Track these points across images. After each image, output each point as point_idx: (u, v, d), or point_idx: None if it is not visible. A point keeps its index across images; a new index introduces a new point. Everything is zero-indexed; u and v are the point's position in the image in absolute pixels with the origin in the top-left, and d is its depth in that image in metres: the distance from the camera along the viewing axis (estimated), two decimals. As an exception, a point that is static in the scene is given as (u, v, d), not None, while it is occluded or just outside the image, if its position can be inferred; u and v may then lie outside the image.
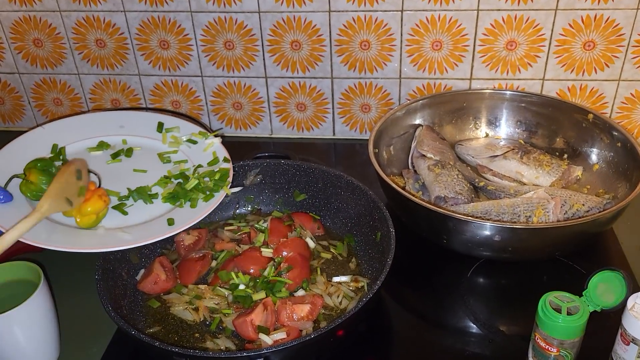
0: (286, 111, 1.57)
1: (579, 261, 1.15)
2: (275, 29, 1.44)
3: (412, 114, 1.39)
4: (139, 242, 1.05)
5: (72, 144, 1.24)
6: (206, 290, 1.08)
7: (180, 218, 1.11)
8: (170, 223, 1.09)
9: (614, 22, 1.32)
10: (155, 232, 1.07)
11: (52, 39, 1.53)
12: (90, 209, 1.07)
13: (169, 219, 1.10)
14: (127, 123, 1.30)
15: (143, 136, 1.28)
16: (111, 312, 0.93)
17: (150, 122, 1.30)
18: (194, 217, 1.11)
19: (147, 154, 1.25)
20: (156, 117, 1.32)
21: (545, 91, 1.43)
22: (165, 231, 1.07)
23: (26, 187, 1.07)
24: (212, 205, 1.14)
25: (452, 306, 1.10)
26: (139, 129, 1.29)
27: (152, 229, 1.09)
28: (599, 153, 1.30)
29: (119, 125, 1.29)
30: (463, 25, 1.37)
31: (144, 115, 1.37)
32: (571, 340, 0.84)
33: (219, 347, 1.00)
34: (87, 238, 1.05)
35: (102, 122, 1.30)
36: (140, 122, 1.31)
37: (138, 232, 1.07)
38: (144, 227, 1.09)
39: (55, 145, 1.20)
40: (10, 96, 1.64)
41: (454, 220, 1.06)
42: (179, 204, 1.14)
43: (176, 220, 1.10)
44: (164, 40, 1.49)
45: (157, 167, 1.22)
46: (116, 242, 1.04)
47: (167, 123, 1.30)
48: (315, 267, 1.13)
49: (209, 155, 1.24)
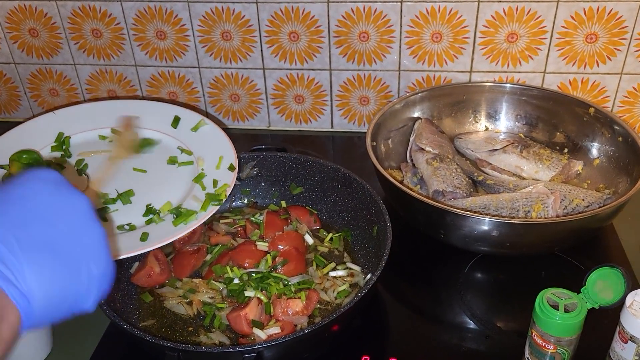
0: (284, 103, 1.55)
1: (577, 257, 1.14)
2: (273, 20, 1.42)
3: (411, 107, 1.38)
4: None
5: (83, 132, 1.19)
6: (200, 284, 1.07)
7: (155, 235, 0.99)
8: (143, 239, 0.99)
9: (617, 15, 1.30)
10: (127, 245, 0.97)
11: (48, 29, 1.51)
12: None
13: (143, 234, 1.00)
14: (144, 114, 1.22)
15: (157, 131, 1.21)
16: (103, 305, 0.92)
17: (166, 115, 1.22)
18: (170, 234, 1.00)
19: (156, 151, 1.17)
20: (174, 110, 1.24)
21: (546, 84, 1.42)
22: (137, 246, 0.97)
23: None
24: (197, 222, 1.02)
25: (449, 301, 1.09)
26: (153, 123, 1.21)
27: (126, 241, 0.98)
28: (600, 147, 1.28)
29: (135, 116, 1.23)
30: (463, 17, 1.35)
31: (162, 107, 1.28)
32: (568, 338, 0.83)
33: (213, 341, 0.99)
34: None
35: (117, 111, 1.23)
36: (157, 113, 1.23)
37: (111, 243, 1.00)
38: (118, 239, 0.99)
39: (61, 133, 1.17)
40: (6, 86, 1.63)
41: (451, 214, 1.05)
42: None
43: (151, 235, 0.99)
44: (160, 31, 1.47)
45: (159, 166, 1.13)
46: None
47: (183, 117, 1.22)
48: (310, 261, 1.12)
49: (213, 148, 1.16)
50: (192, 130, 1.21)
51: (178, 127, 1.22)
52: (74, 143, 1.18)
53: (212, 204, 1.05)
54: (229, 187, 1.09)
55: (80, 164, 1.13)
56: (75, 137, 1.19)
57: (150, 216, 1.04)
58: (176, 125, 1.22)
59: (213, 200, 1.06)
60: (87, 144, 1.18)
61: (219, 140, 1.19)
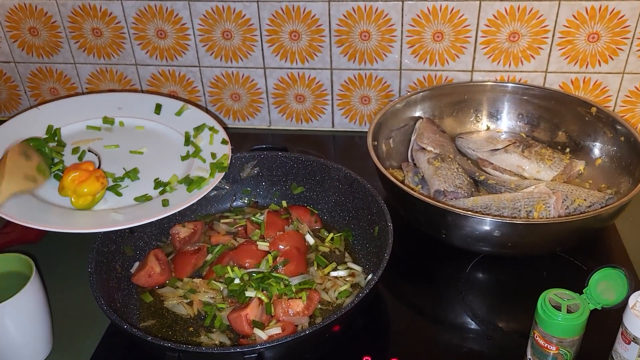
0: (285, 102, 1.55)
1: (579, 257, 1.13)
2: (274, 19, 1.41)
3: (412, 106, 1.37)
4: (132, 223, 1.03)
5: (68, 125, 1.22)
6: (201, 284, 1.07)
7: (175, 200, 1.09)
8: (164, 204, 1.07)
9: (619, 14, 1.29)
10: (148, 212, 1.05)
11: (48, 28, 1.51)
12: (87, 189, 1.06)
13: (163, 200, 1.08)
14: (125, 105, 1.28)
15: (141, 118, 1.26)
16: (104, 305, 0.92)
17: (148, 103, 1.28)
18: (188, 198, 1.08)
19: (146, 135, 1.23)
20: (154, 98, 1.30)
21: (548, 84, 1.41)
22: (160, 212, 1.05)
23: None
24: (209, 187, 1.12)
25: (451, 302, 1.08)
26: (137, 111, 1.27)
27: (145, 209, 1.07)
28: (602, 147, 1.28)
29: (117, 107, 1.27)
30: (465, 16, 1.35)
31: (142, 97, 1.35)
32: (571, 339, 0.83)
33: (214, 341, 0.98)
34: (79, 219, 1.04)
35: (99, 104, 1.29)
36: (138, 103, 1.29)
37: (131, 212, 1.05)
38: (137, 208, 1.07)
39: (50, 126, 1.19)
40: (6, 85, 1.62)
41: (453, 214, 1.04)
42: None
43: (171, 201, 1.08)
44: (161, 30, 1.47)
45: (155, 148, 1.20)
46: (108, 222, 1.03)
47: (165, 105, 1.28)
48: (311, 261, 1.11)
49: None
50: (176, 114, 1.26)
51: (163, 113, 1.27)
52: (64, 134, 1.21)
53: (219, 170, 1.14)
54: (229, 157, 1.18)
55: (77, 152, 1.17)
56: (63, 129, 1.22)
57: (161, 188, 1.12)
58: (159, 111, 1.27)
59: (218, 168, 1.15)
60: (78, 134, 1.21)
61: (205, 120, 1.25)
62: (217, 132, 1.23)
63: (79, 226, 1.01)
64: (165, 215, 1.05)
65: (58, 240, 1.21)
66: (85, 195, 1.06)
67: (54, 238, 1.22)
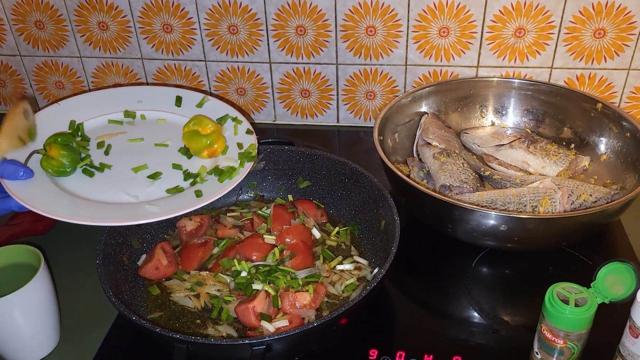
0: (290, 97, 1.55)
1: (585, 252, 1.14)
2: (280, 14, 1.41)
3: (418, 102, 1.38)
4: (169, 214, 1.02)
5: (90, 120, 1.21)
6: (208, 276, 1.07)
7: (207, 190, 1.08)
8: (198, 195, 1.06)
9: (626, 10, 1.29)
10: (183, 204, 1.04)
11: (54, 21, 1.51)
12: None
13: (196, 191, 1.07)
14: (145, 98, 1.27)
15: (162, 111, 1.25)
16: (112, 297, 0.92)
17: (168, 96, 1.27)
18: (221, 188, 1.08)
19: (168, 128, 1.21)
20: (174, 91, 1.29)
21: (553, 80, 1.41)
22: (194, 202, 1.04)
23: (47, 163, 1.05)
24: (240, 177, 1.11)
25: (456, 296, 1.09)
26: (157, 104, 1.26)
27: (179, 201, 1.06)
28: (607, 143, 1.28)
29: (137, 100, 1.27)
30: (471, 12, 1.35)
31: (162, 90, 1.33)
32: (578, 332, 0.83)
33: (221, 333, 0.99)
34: (113, 212, 1.02)
35: (119, 98, 1.27)
36: (158, 96, 1.28)
37: (165, 204, 1.05)
38: (171, 200, 1.06)
39: (72, 121, 1.18)
40: (12, 79, 1.62)
41: (459, 209, 1.04)
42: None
43: (204, 191, 1.07)
44: (167, 24, 1.47)
45: (179, 141, 1.18)
46: (144, 214, 1.01)
47: (185, 97, 1.27)
48: (318, 254, 1.12)
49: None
50: (197, 106, 1.24)
51: (183, 106, 1.25)
52: (86, 129, 1.20)
53: (247, 160, 1.13)
54: (255, 146, 1.17)
55: (102, 146, 1.16)
56: (86, 124, 1.20)
57: (191, 179, 1.11)
58: (179, 104, 1.25)
59: (247, 158, 1.14)
60: (100, 129, 1.20)
61: (227, 111, 1.23)
62: (241, 122, 1.22)
63: (114, 219, 1.00)
64: (201, 205, 1.04)
65: (66, 233, 1.21)
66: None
67: (61, 230, 1.23)
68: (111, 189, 1.07)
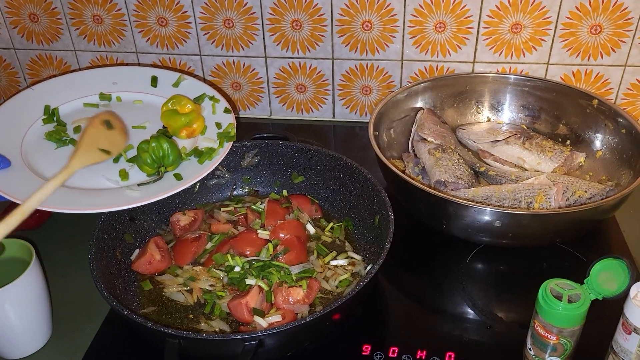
0: (286, 92, 1.54)
1: (579, 249, 1.14)
2: (276, 8, 1.41)
3: (414, 97, 1.37)
4: (149, 199, 1.02)
5: (65, 104, 1.20)
6: (201, 271, 1.07)
7: (187, 173, 1.08)
8: (178, 178, 1.06)
9: (622, 6, 1.29)
10: (163, 187, 1.04)
11: (48, 14, 1.50)
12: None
13: (175, 174, 1.07)
14: (120, 79, 1.26)
15: (138, 92, 1.24)
16: (104, 292, 0.92)
17: (143, 76, 1.26)
18: (201, 170, 1.07)
19: (145, 109, 1.21)
20: (149, 71, 1.28)
21: (549, 76, 1.41)
22: (175, 185, 1.04)
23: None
24: (219, 157, 1.11)
25: (451, 292, 1.09)
26: (133, 85, 1.25)
27: (159, 185, 1.05)
28: (603, 139, 1.28)
29: (112, 82, 1.25)
30: (467, 7, 1.34)
31: (136, 70, 1.33)
32: (571, 329, 0.83)
33: (213, 329, 0.98)
34: (94, 198, 1.02)
35: (93, 80, 1.26)
36: (133, 77, 1.27)
37: (145, 189, 1.05)
38: (151, 184, 1.06)
39: (47, 106, 1.17)
40: (6, 72, 1.61)
41: (454, 204, 1.04)
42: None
43: (183, 174, 1.07)
44: (162, 17, 1.46)
45: (157, 122, 1.18)
46: (125, 200, 1.01)
47: (161, 77, 1.26)
48: (312, 249, 1.11)
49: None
50: (174, 86, 1.24)
51: (160, 86, 1.25)
52: (62, 114, 1.18)
53: (227, 140, 1.13)
54: (234, 125, 1.16)
55: (79, 131, 1.14)
56: (61, 108, 1.19)
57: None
58: (155, 84, 1.25)
59: (226, 138, 1.14)
60: (76, 113, 1.19)
61: (204, 90, 1.23)
62: (218, 101, 1.21)
63: (95, 206, 0.99)
64: (182, 188, 1.04)
65: (58, 227, 1.21)
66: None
67: (54, 224, 1.22)
68: (91, 175, 1.06)
